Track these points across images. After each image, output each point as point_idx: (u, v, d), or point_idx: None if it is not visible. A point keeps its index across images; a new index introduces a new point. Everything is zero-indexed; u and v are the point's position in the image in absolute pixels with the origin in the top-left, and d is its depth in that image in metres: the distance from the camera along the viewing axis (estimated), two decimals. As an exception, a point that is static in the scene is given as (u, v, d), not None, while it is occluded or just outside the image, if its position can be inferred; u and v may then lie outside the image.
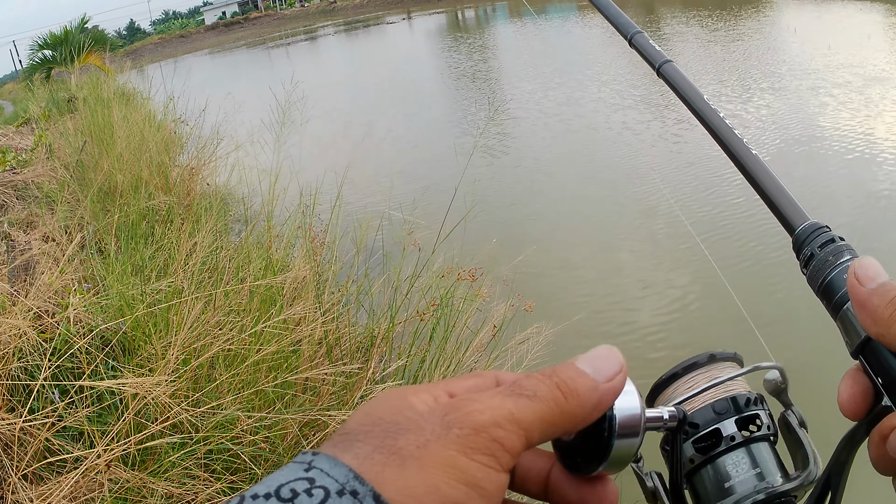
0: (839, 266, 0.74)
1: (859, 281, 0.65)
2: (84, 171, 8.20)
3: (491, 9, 47.01)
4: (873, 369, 0.67)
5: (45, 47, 22.27)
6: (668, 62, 1.14)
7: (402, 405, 0.52)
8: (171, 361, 3.25)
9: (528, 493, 0.60)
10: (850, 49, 15.50)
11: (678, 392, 0.83)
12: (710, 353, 0.84)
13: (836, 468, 0.72)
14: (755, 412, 0.81)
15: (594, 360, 0.56)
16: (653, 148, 11.17)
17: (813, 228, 0.81)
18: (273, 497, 0.44)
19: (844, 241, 0.78)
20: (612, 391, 0.55)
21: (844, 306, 0.71)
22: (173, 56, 48.74)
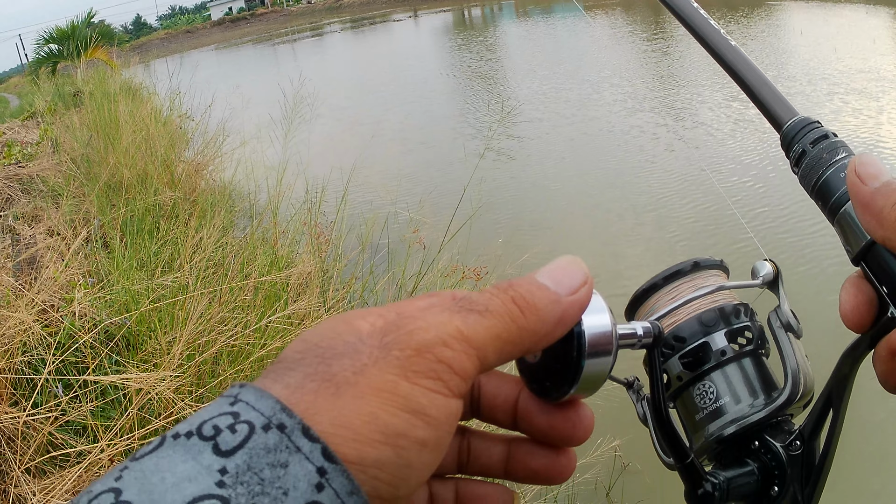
0: (835, 164, 0.68)
1: (861, 179, 0.60)
2: (90, 166, 8.20)
3: (497, 7, 46.99)
4: (877, 277, 0.61)
5: (51, 41, 22.29)
6: None
7: (344, 329, 0.46)
8: (176, 357, 3.25)
9: (497, 422, 0.56)
10: (855, 52, 15.48)
11: (660, 304, 0.79)
12: (693, 261, 0.79)
13: (838, 385, 0.67)
14: (745, 324, 0.77)
15: (555, 271, 0.51)
16: (660, 151, 11.15)
17: (804, 124, 0.75)
18: (195, 435, 0.39)
19: (839, 137, 0.72)
20: (577, 305, 0.50)
21: (843, 208, 0.65)
22: (179, 51, 48.80)
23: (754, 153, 9.71)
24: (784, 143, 0.76)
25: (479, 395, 0.55)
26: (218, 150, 9.71)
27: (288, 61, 35.55)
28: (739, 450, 0.74)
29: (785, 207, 7.52)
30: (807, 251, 6.54)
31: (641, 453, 4.31)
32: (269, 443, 0.39)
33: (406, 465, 0.43)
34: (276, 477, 0.38)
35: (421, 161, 12.58)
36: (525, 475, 0.55)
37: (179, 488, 0.37)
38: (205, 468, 0.38)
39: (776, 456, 0.71)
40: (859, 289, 0.62)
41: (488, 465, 0.56)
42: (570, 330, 0.50)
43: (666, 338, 0.76)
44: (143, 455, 0.39)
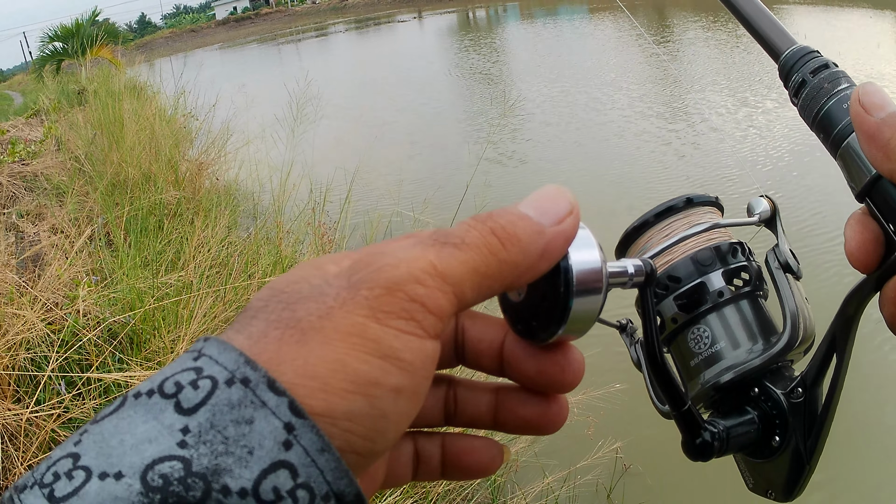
0: (837, 94, 0.65)
1: (866, 109, 0.57)
2: (94, 164, 8.21)
3: (502, 9, 46.97)
4: (883, 213, 0.58)
5: (56, 39, 22.25)
6: None
7: (312, 272, 0.43)
8: (180, 355, 3.25)
9: (483, 368, 0.53)
10: (860, 56, 15.46)
11: (653, 241, 0.76)
12: (686, 197, 0.76)
13: (842, 329, 0.64)
14: (742, 263, 0.74)
15: (538, 200, 0.47)
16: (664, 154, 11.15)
17: (803, 52, 0.72)
18: (156, 394, 0.37)
19: (839, 67, 0.69)
20: (563, 236, 0.46)
21: (846, 140, 0.62)
22: (183, 50, 48.81)
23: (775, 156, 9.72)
24: (782, 73, 0.73)
25: (464, 339, 0.53)
26: (222, 149, 9.71)
27: (292, 61, 35.56)
28: (738, 397, 0.71)
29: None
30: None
31: (643, 455, 4.31)
32: (233, 398, 0.37)
33: (381, 415, 0.40)
34: (241, 435, 0.36)
35: (426, 161, 12.57)
36: (515, 425, 0.53)
37: (139, 450, 0.35)
38: (166, 428, 0.36)
39: (777, 404, 0.68)
40: (865, 226, 0.59)
41: (476, 416, 0.54)
42: (555, 265, 0.47)
43: (659, 277, 0.74)
44: (103, 417, 0.38)
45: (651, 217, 0.76)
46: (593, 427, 4.07)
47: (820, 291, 5.46)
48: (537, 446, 4.16)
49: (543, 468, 4.04)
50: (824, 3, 27.07)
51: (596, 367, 5.31)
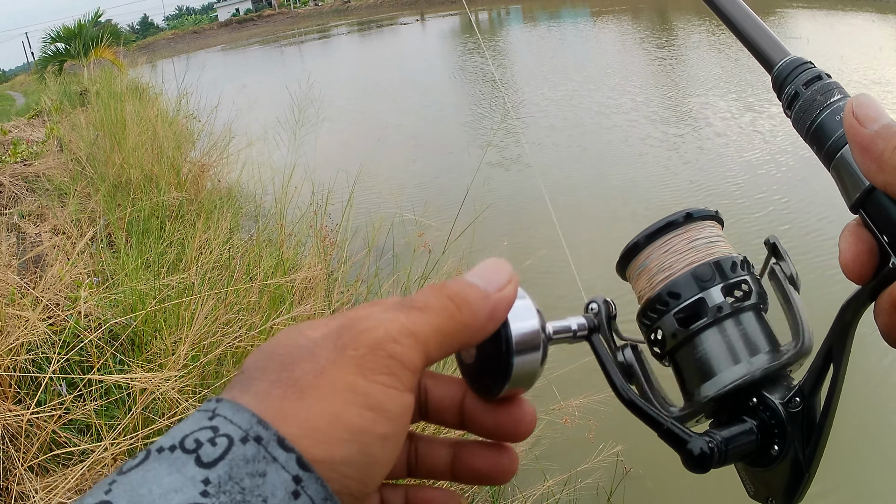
0: (830, 106, 0.65)
1: (859, 121, 0.57)
2: (96, 165, 8.22)
3: (505, 12, 47.01)
4: (877, 225, 0.59)
5: (58, 40, 22.28)
6: None
7: (298, 337, 0.49)
8: (181, 357, 3.25)
9: (446, 423, 0.59)
10: (862, 60, 15.48)
11: (652, 258, 0.76)
12: (686, 212, 0.76)
13: (838, 338, 0.64)
14: (742, 277, 0.74)
15: (482, 271, 0.55)
16: (669, 160, 11.14)
17: (796, 64, 0.72)
18: (178, 449, 0.42)
19: (832, 78, 0.69)
20: (505, 301, 0.54)
21: (840, 152, 0.62)
22: (186, 52, 48.84)
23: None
24: (776, 85, 0.73)
25: (427, 398, 0.58)
26: (224, 151, 9.72)
27: (295, 63, 35.58)
28: (737, 407, 0.72)
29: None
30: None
31: (643, 459, 4.31)
32: (248, 454, 0.42)
33: (371, 461, 0.46)
34: (256, 486, 0.41)
35: (428, 164, 12.58)
36: (470, 476, 0.58)
37: (166, 499, 0.39)
38: (189, 479, 0.40)
39: (775, 413, 0.69)
40: (859, 237, 0.60)
41: (435, 468, 0.59)
42: (499, 328, 0.54)
43: (660, 293, 0.74)
44: (129, 468, 0.41)
45: (651, 232, 0.77)
46: (594, 430, 4.08)
47: (826, 298, 5.47)
48: (538, 450, 4.17)
49: (544, 471, 4.05)
50: (827, 7, 27.09)
51: (596, 370, 5.32)
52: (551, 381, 4.20)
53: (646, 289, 0.76)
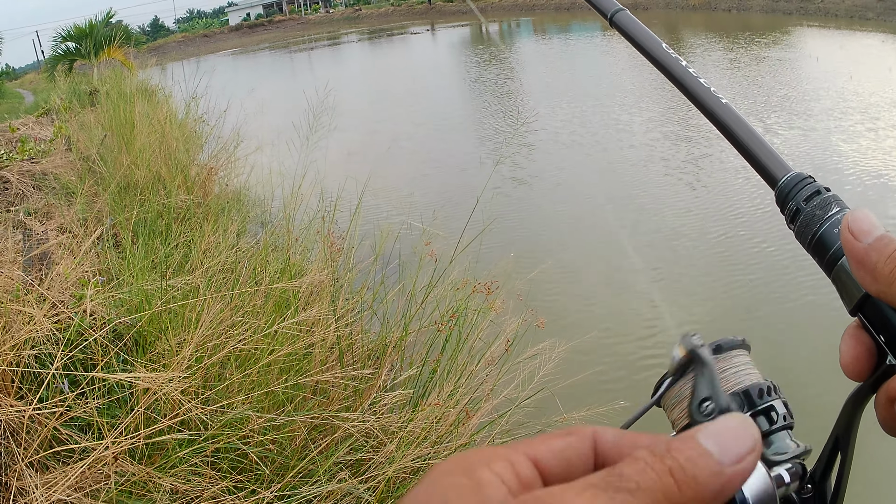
0: (829, 220, 0.71)
1: (854, 235, 0.62)
2: (104, 165, 8.23)
3: (515, 24, 47.12)
4: (874, 327, 0.64)
5: (69, 39, 22.35)
6: (621, 10, 1.09)
7: (470, 487, 0.41)
8: (186, 358, 3.25)
9: None
10: (871, 80, 15.50)
11: (684, 391, 0.77)
12: (716, 344, 0.79)
13: (844, 429, 0.70)
14: (770, 403, 0.77)
15: (721, 434, 0.45)
16: (672, 178, 11.15)
17: (797, 180, 0.77)
18: None
19: (831, 192, 0.75)
20: (741, 476, 0.44)
21: (839, 262, 0.68)
22: (196, 55, 49.02)
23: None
24: (779, 201, 0.79)
25: None
26: (232, 154, 9.73)
27: (304, 70, 35.65)
28: None
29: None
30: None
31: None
32: None
33: None
34: None
35: (437, 173, 12.60)
36: None
37: None
38: None
39: (788, 500, 0.72)
40: (858, 339, 0.65)
41: None
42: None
43: (692, 424, 0.77)
44: None
45: (682, 367, 0.74)
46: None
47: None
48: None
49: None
50: (838, 26, 27.12)
51: (599, 383, 5.32)
52: (554, 393, 4.19)
53: (680, 418, 0.78)
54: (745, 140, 0.85)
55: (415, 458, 3.42)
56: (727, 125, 0.87)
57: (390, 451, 3.47)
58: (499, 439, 4.04)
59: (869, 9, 28.56)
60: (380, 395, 4.00)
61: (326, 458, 3.34)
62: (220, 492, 3.07)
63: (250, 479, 3.27)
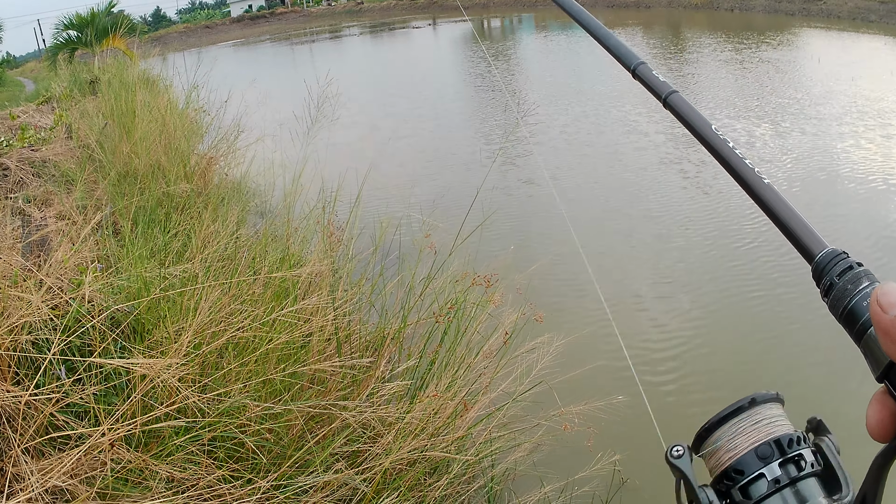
0: (859, 293, 0.75)
1: (882, 308, 0.66)
2: (104, 153, 8.21)
3: (517, 20, 47.06)
4: None
5: (71, 28, 22.31)
6: (674, 93, 1.14)
7: None
8: (184, 346, 3.24)
9: None
10: (873, 82, 15.49)
11: (722, 440, 0.88)
12: (751, 397, 0.88)
13: (871, 487, 0.74)
14: (798, 451, 0.85)
15: None
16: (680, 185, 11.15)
17: (831, 256, 0.82)
18: None
19: (863, 267, 0.79)
20: None
21: (867, 332, 0.72)
22: (198, 46, 48.98)
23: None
24: (815, 275, 0.83)
25: None
26: (232, 144, 9.72)
27: (305, 62, 35.61)
28: None
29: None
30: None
31: (641, 469, 4.30)
32: None
33: None
34: None
35: (438, 166, 12.60)
36: None
37: None
38: None
39: None
40: (883, 404, 0.69)
41: None
42: None
43: (726, 470, 0.86)
44: None
45: (722, 416, 0.89)
46: (593, 438, 4.06)
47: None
48: (536, 456, 4.16)
49: (541, 478, 4.03)
50: (841, 28, 27.10)
51: (598, 378, 5.31)
52: (552, 387, 4.19)
53: (716, 466, 0.88)
54: (785, 218, 0.91)
55: (412, 449, 3.42)
56: (769, 203, 0.93)
57: (387, 442, 3.47)
58: (496, 433, 4.04)
59: (872, 11, 28.54)
60: (378, 386, 4.00)
61: (323, 449, 3.33)
62: (217, 480, 3.06)
63: (247, 468, 3.26)
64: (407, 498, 3.42)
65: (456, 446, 3.76)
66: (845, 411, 4.52)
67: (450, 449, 3.68)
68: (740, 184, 0.97)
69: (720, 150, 1.00)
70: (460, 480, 3.88)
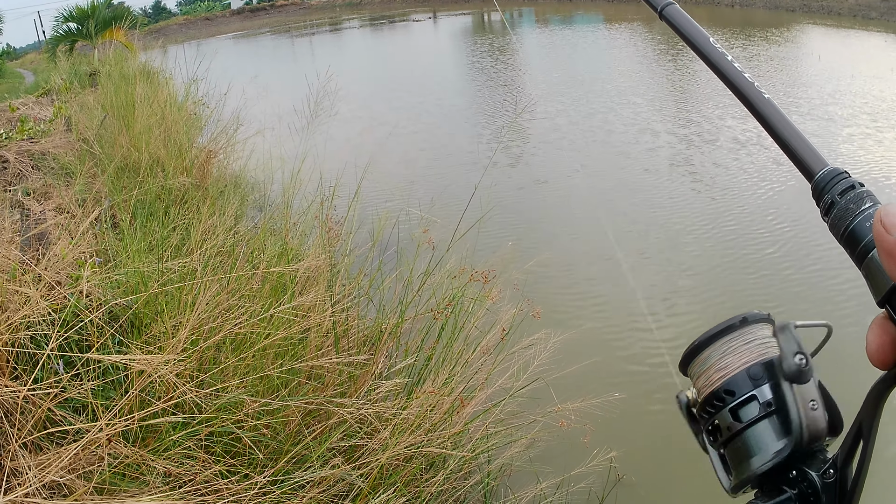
0: (861, 213, 0.74)
1: (886, 229, 0.64)
2: (103, 146, 8.21)
3: (518, 13, 46.96)
4: None
5: (71, 20, 22.27)
6: (670, 4, 1.12)
7: None
8: (182, 341, 3.24)
9: None
10: (873, 79, 15.48)
11: (712, 357, 0.85)
12: (742, 316, 0.85)
13: (867, 417, 0.73)
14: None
15: None
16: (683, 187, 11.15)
17: (832, 175, 0.81)
18: None
19: (865, 187, 0.78)
20: None
21: (869, 254, 0.71)
22: (197, 38, 48.84)
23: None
24: (815, 193, 0.82)
25: None
26: (231, 138, 9.71)
27: (305, 55, 35.53)
28: (779, 478, 0.80)
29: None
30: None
31: (637, 466, 4.31)
32: None
33: None
34: None
35: (437, 162, 12.58)
36: None
37: None
38: None
39: (812, 484, 0.77)
40: (884, 329, 0.67)
41: None
42: None
43: (716, 391, 0.83)
44: None
45: (713, 333, 0.86)
46: (590, 435, 4.07)
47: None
48: (532, 452, 4.16)
49: (538, 474, 4.04)
50: (841, 25, 27.06)
51: (595, 374, 5.31)
52: (549, 384, 4.20)
53: (705, 386, 0.85)
54: (784, 134, 0.89)
55: (408, 445, 3.43)
56: (768, 119, 0.91)
57: (384, 437, 3.47)
58: (493, 428, 4.04)
59: (872, 8, 28.50)
60: (375, 382, 4.00)
61: (320, 444, 3.34)
62: (214, 475, 3.06)
63: (244, 464, 3.27)
64: (403, 493, 3.42)
65: (452, 442, 3.77)
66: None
67: (446, 445, 3.68)
68: (740, 99, 0.95)
69: (718, 64, 0.98)
70: (456, 476, 3.89)
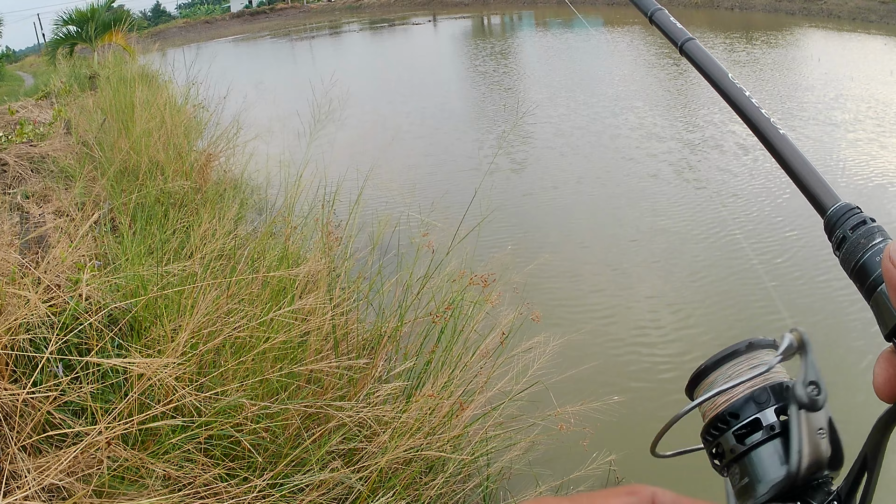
0: (871, 248, 0.75)
1: (894, 265, 0.64)
2: (103, 150, 8.21)
3: (517, 17, 46.99)
4: None
5: (70, 23, 22.27)
6: (690, 39, 1.12)
7: None
8: (181, 344, 3.24)
9: None
10: (872, 82, 15.49)
11: (718, 382, 0.84)
12: (748, 341, 0.84)
13: (872, 449, 0.72)
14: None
15: None
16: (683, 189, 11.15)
17: (844, 210, 0.81)
18: None
19: (876, 223, 0.78)
20: None
21: (878, 289, 0.71)
22: (197, 41, 48.85)
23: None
24: (827, 228, 0.82)
25: None
26: (231, 141, 9.71)
27: (305, 58, 35.53)
28: None
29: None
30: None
31: (637, 470, 4.30)
32: None
33: None
34: None
35: (437, 166, 12.58)
36: None
37: None
38: None
39: None
40: (891, 363, 0.66)
41: None
42: None
43: (721, 414, 0.82)
44: None
45: (719, 358, 0.85)
46: (589, 439, 4.06)
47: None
48: (531, 455, 4.16)
49: (537, 477, 4.04)
50: (840, 28, 27.07)
51: (595, 378, 5.31)
52: (548, 387, 4.19)
53: (710, 409, 0.83)
54: (798, 169, 0.90)
55: (407, 448, 3.43)
56: (783, 155, 0.92)
57: (383, 441, 3.47)
58: (492, 432, 4.04)
59: (872, 11, 28.53)
60: (375, 385, 4.00)
61: (319, 447, 3.34)
62: (213, 479, 3.06)
63: (243, 467, 3.27)
64: (402, 496, 3.42)
65: (451, 445, 3.77)
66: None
67: (445, 448, 3.68)
68: (756, 134, 0.96)
69: (736, 100, 0.99)
70: (456, 479, 3.89)
